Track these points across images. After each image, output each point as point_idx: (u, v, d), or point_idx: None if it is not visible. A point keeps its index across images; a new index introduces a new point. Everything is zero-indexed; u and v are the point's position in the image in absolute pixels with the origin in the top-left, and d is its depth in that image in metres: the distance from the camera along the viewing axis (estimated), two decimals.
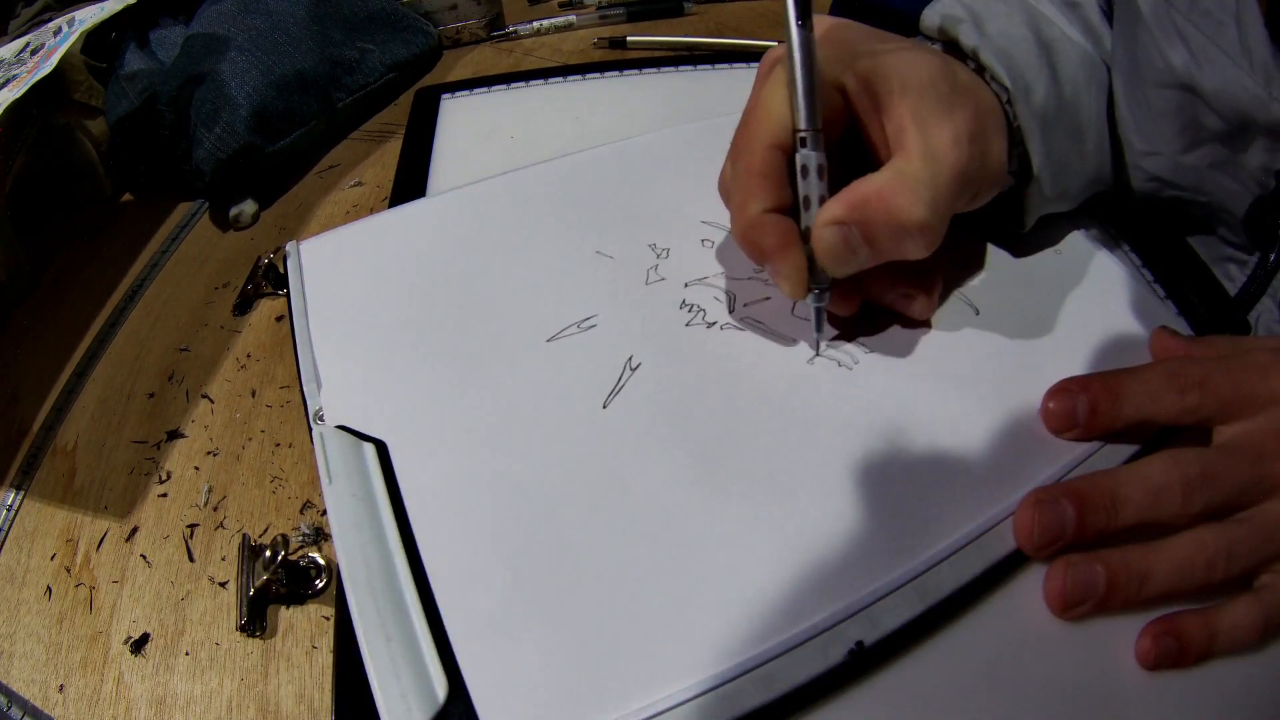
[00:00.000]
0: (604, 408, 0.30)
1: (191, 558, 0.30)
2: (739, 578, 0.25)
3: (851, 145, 0.30)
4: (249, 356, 0.38)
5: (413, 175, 0.44)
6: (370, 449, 0.29)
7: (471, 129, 0.48)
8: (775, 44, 0.30)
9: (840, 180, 0.27)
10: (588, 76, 0.51)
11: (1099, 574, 0.24)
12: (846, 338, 0.32)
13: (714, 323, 0.33)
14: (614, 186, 0.40)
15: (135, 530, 0.31)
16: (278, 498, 0.32)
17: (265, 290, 0.41)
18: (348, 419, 0.30)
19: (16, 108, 0.38)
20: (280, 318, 0.40)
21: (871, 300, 0.31)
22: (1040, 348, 0.31)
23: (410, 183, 0.43)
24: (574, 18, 0.62)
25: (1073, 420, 0.27)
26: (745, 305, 0.33)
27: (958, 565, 0.25)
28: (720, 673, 0.23)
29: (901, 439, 0.28)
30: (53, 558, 0.31)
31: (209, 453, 0.34)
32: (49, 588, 0.30)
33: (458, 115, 0.49)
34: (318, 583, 0.29)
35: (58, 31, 0.42)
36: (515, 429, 0.30)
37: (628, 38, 0.58)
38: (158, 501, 0.32)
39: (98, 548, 0.31)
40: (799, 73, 0.27)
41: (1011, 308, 0.32)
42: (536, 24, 0.62)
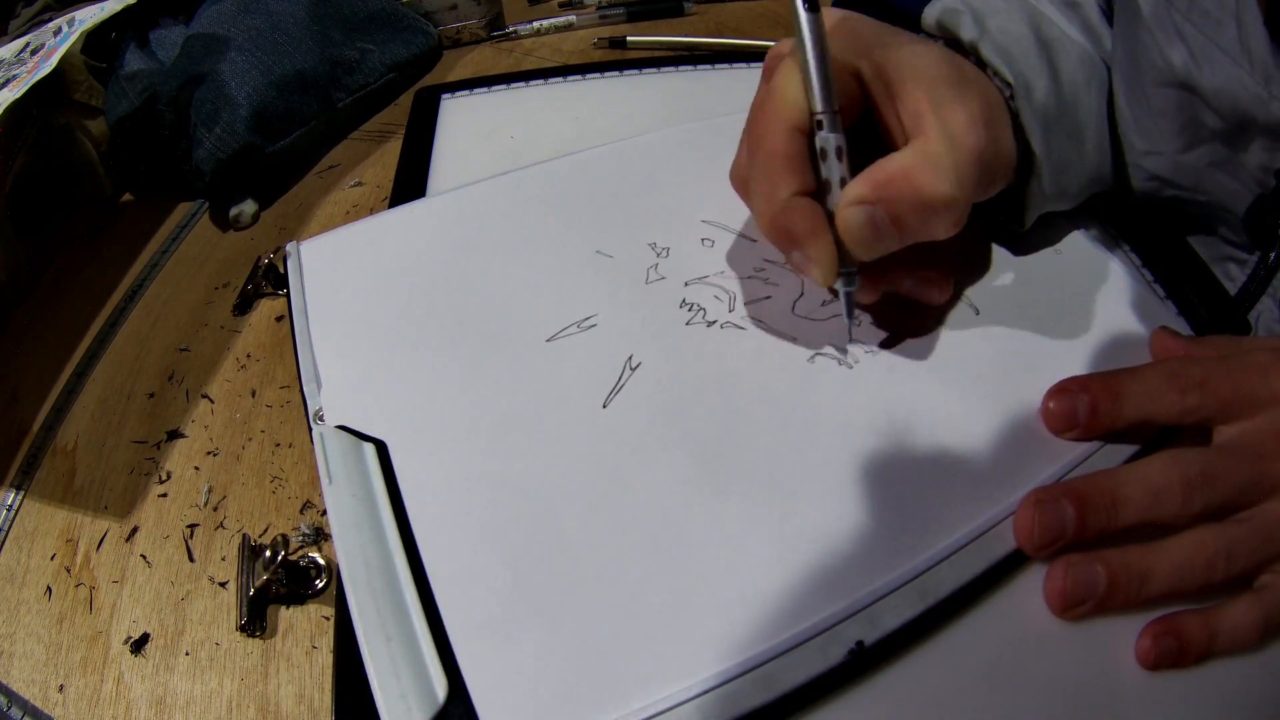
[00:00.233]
0: (604, 407, 0.30)
1: (191, 558, 0.30)
2: (738, 577, 0.25)
3: (866, 134, 0.29)
4: (249, 356, 0.38)
5: (413, 175, 0.44)
6: (370, 449, 0.29)
7: (471, 129, 0.48)
8: (774, 43, 0.31)
9: (859, 167, 0.27)
10: (588, 76, 0.51)
11: (1099, 574, 0.24)
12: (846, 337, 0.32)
13: (714, 322, 0.33)
14: (614, 186, 0.40)
15: (135, 530, 0.31)
16: (278, 498, 0.32)
17: (265, 290, 0.41)
18: (348, 419, 0.30)
19: (16, 108, 0.38)
20: (280, 318, 0.40)
21: (892, 288, 0.31)
22: (1040, 348, 0.31)
23: (410, 183, 0.43)
24: (574, 18, 0.62)
25: (1073, 420, 0.27)
26: (745, 304, 0.33)
27: (958, 565, 0.25)
28: (720, 672, 0.23)
29: (901, 439, 0.28)
30: (53, 558, 0.31)
31: (209, 453, 0.34)
32: (49, 588, 0.30)
33: (458, 115, 0.49)
34: (318, 583, 0.29)
35: (58, 31, 0.42)
36: (515, 429, 0.30)
37: (628, 38, 0.58)
38: (158, 501, 0.32)
39: (98, 548, 0.31)
40: (811, 55, 0.26)
41: (1012, 308, 0.32)
42: (536, 24, 0.62)
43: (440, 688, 0.23)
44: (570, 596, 0.25)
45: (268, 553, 0.29)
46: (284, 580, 0.28)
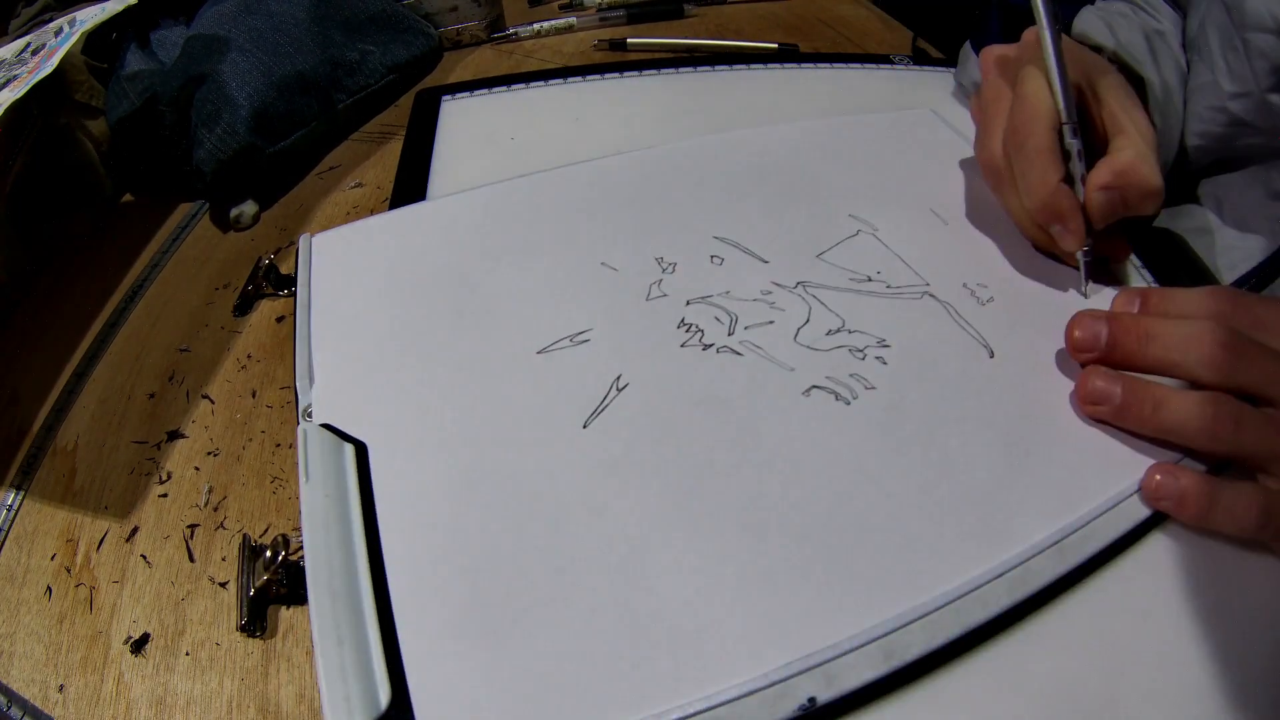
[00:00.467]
0: (584, 428, 0.29)
1: (192, 558, 0.30)
2: (696, 616, 0.24)
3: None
4: (249, 357, 0.38)
5: (413, 176, 0.44)
6: (350, 450, 0.29)
7: (472, 130, 0.48)
8: (774, 45, 0.31)
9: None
10: (588, 78, 0.52)
11: (1117, 386, 0.29)
12: (846, 372, 0.31)
13: (710, 345, 0.32)
14: (629, 196, 0.39)
15: (135, 530, 0.31)
16: (278, 498, 0.32)
17: (266, 291, 0.41)
18: (335, 418, 0.30)
19: (17, 108, 0.38)
20: (281, 318, 0.40)
21: (1097, 253, 0.35)
22: (1052, 397, 0.30)
23: (410, 184, 0.43)
24: (574, 20, 0.62)
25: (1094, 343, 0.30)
26: (746, 328, 0.33)
27: (930, 627, 0.24)
28: (662, 712, 0.22)
29: (889, 484, 0.27)
30: (53, 558, 0.31)
31: (209, 453, 0.34)
32: (49, 588, 0.30)
33: (458, 117, 0.49)
34: None
35: (59, 32, 0.42)
36: (493, 442, 0.29)
37: (628, 39, 0.59)
38: (158, 502, 0.32)
39: (98, 548, 0.31)
40: (1056, 73, 0.34)
41: (1027, 352, 0.32)
42: (537, 26, 0.62)
43: (384, 694, 0.23)
44: (523, 617, 0.24)
45: (268, 553, 0.29)
46: (284, 580, 0.28)
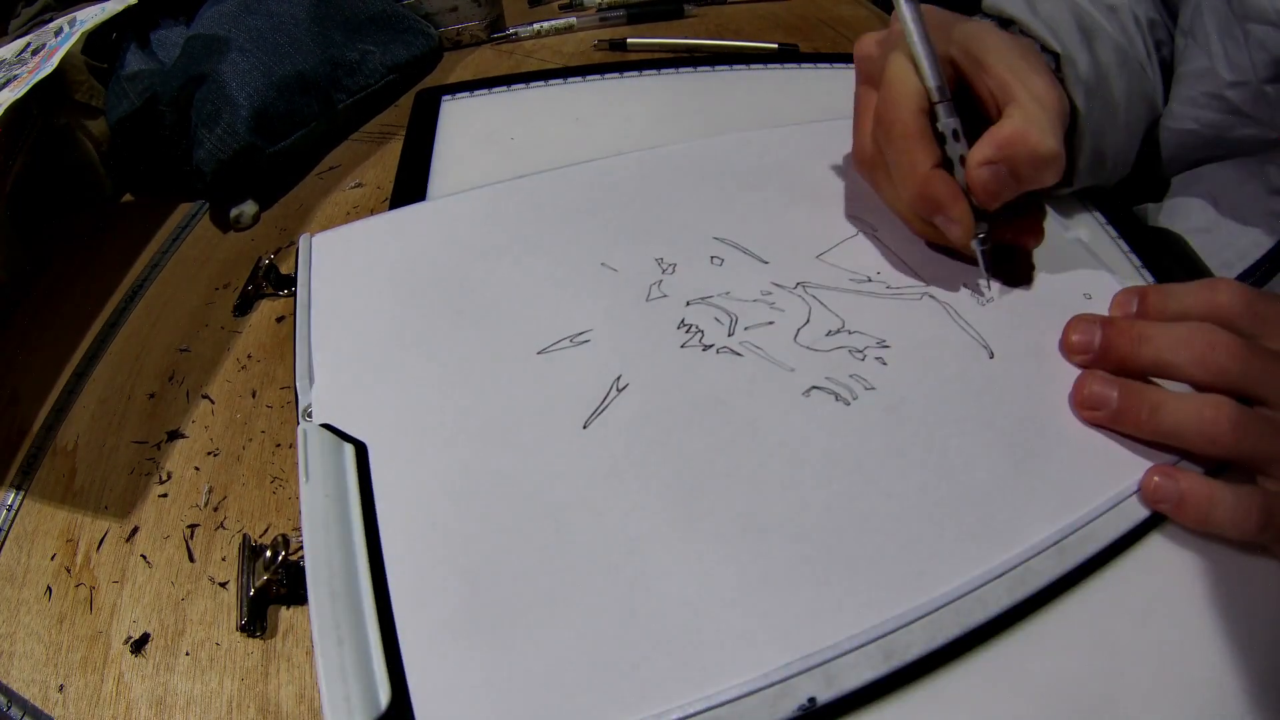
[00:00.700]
0: (584, 428, 0.29)
1: (192, 558, 0.30)
2: (696, 617, 0.24)
3: (963, 104, 0.33)
4: (249, 357, 0.38)
5: (413, 176, 0.44)
6: (350, 450, 0.29)
7: (472, 131, 0.48)
8: (774, 45, 0.31)
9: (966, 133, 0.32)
10: (588, 78, 0.52)
11: (1113, 390, 0.28)
12: (846, 372, 0.31)
13: (710, 345, 0.32)
14: (629, 196, 0.39)
15: (135, 530, 0.31)
16: (278, 498, 0.32)
17: (266, 291, 0.41)
18: (334, 418, 0.30)
19: (17, 108, 0.38)
20: (281, 318, 0.40)
21: (999, 240, 0.34)
22: (1054, 398, 0.30)
23: (410, 184, 0.43)
24: (574, 20, 0.62)
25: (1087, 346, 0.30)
26: (746, 329, 0.33)
27: (931, 627, 0.24)
28: (662, 713, 0.22)
29: (889, 485, 0.27)
30: (53, 558, 0.31)
31: (209, 453, 0.34)
32: (49, 588, 0.30)
33: (458, 117, 0.49)
34: None
35: (59, 32, 0.42)
36: (493, 442, 0.29)
37: (628, 39, 0.59)
38: (158, 502, 0.32)
39: (98, 548, 0.31)
40: (922, 50, 0.31)
41: (1027, 352, 0.31)
42: (537, 26, 0.62)
43: (384, 694, 0.23)
44: (522, 618, 0.24)
45: (268, 553, 0.29)
46: (284, 580, 0.28)
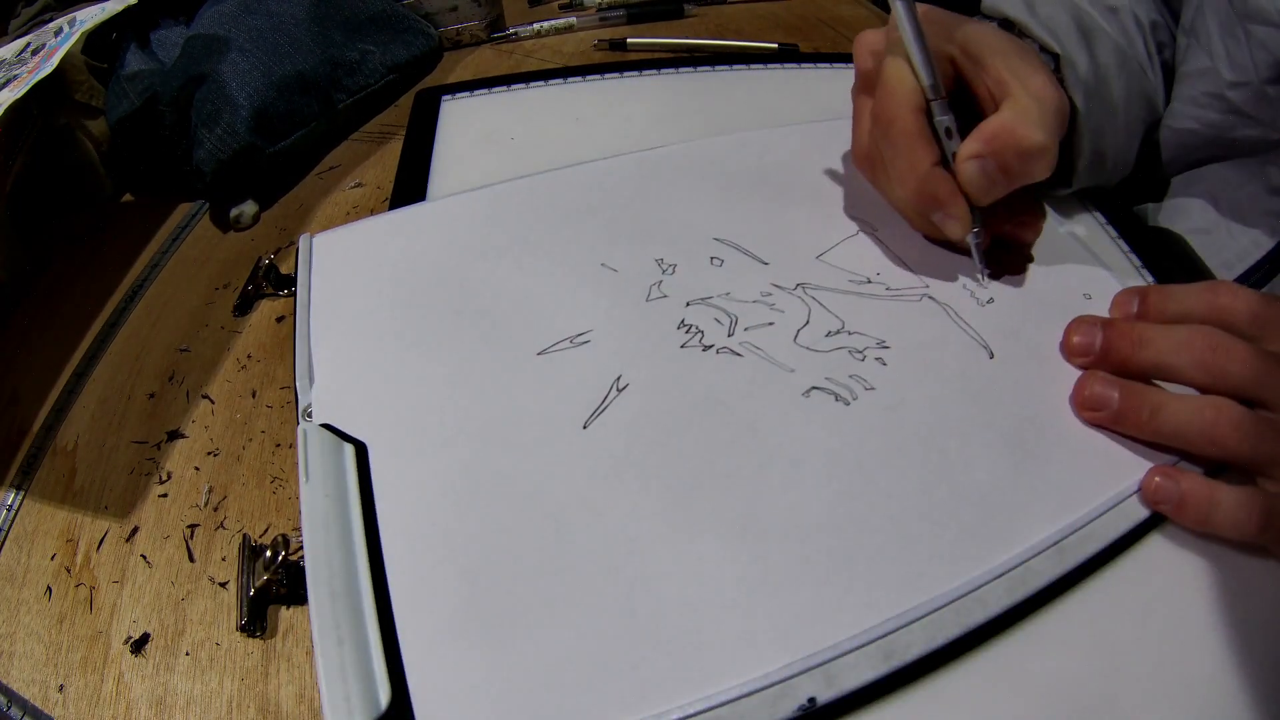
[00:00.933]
0: (584, 428, 0.29)
1: (192, 558, 0.30)
2: (696, 617, 0.24)
3: (961, 103, 0.34)
4: (249, 357, 0.38)
5: (413, 176, 0.44)
6: (350, 450, 0.29)
7: (472, 130, 0.48)
8: (774, 45, 0.31)
9: (961, 132, 0.32)
10: (588, 78, 0.52)
11: (1114, 391, 0.28)
12: (847, 373, 0.31)
13: (710, 345, 0.32)
14: (629, 197, 0.39)
15: (135, 530, 0.31)
16: (278, 498, 0.32)
17: (266, 291, 0.41)
18: (335, 418, 0.30)
19: (17, 108, 0.38)
20: (281, 318, 0.40)
21: (998, 234, 0.34)
22: (1054, 398, 0.30)
23: (410, 184, 0.43)
24: (574, 19, 0.62)
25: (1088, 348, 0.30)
26: (746, 329, 0.33)
27: (931, 627, 0.24)
28: (662, 713, 0.22)
29: (889, 486, 0.27)
30: (53, 558, 0.31)
31: (209, 453, 0.34)
32: (49, 588, 0.30)
33: (458, 117, 0.49)
34: None
35: (59, 32, 0.42)
36: (493, 442, 0.29)
37: (628, 39, 0.59)
38: (158, 502, 0.32)
39: (98, 548, 0.31)
40: (916, 50, 0.31)
41: (1028, 353, 0.31)
42: (537, 26, 0.62)
43: (384, 694, 0.23)
44: (522, 618, 0.24)
45: (268, 553, 0.29)
46: (284, 580, 0.28)
